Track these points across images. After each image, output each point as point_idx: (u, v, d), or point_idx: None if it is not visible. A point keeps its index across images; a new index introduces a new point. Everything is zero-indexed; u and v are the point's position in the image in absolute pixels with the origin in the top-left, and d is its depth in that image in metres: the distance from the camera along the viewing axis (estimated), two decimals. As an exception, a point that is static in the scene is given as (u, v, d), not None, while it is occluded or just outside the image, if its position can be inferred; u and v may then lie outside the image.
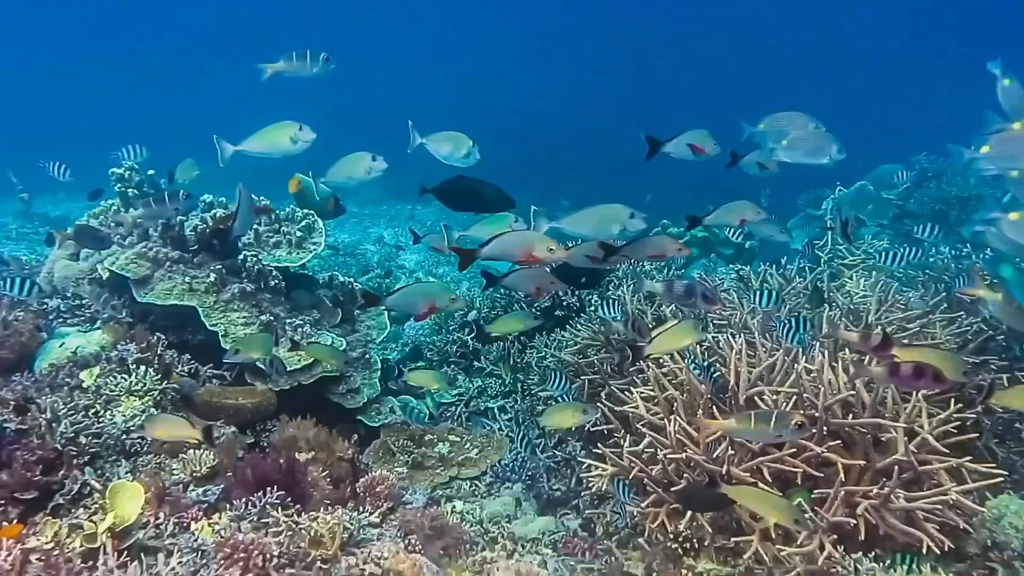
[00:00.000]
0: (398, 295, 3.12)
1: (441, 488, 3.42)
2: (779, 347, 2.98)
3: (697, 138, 3.17)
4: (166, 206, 3.35)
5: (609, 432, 3.23)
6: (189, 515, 2.47)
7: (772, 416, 2.28)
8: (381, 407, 3.78)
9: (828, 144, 3.23)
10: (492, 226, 3.13)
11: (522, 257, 2.83)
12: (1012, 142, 3.02)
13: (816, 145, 3.24)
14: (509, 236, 2.87)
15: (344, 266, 7.07)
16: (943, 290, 3.85)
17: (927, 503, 2.48)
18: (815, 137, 3.25)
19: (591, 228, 3.01)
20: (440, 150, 3.28)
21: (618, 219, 2.97)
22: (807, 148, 3.26)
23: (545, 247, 2.82)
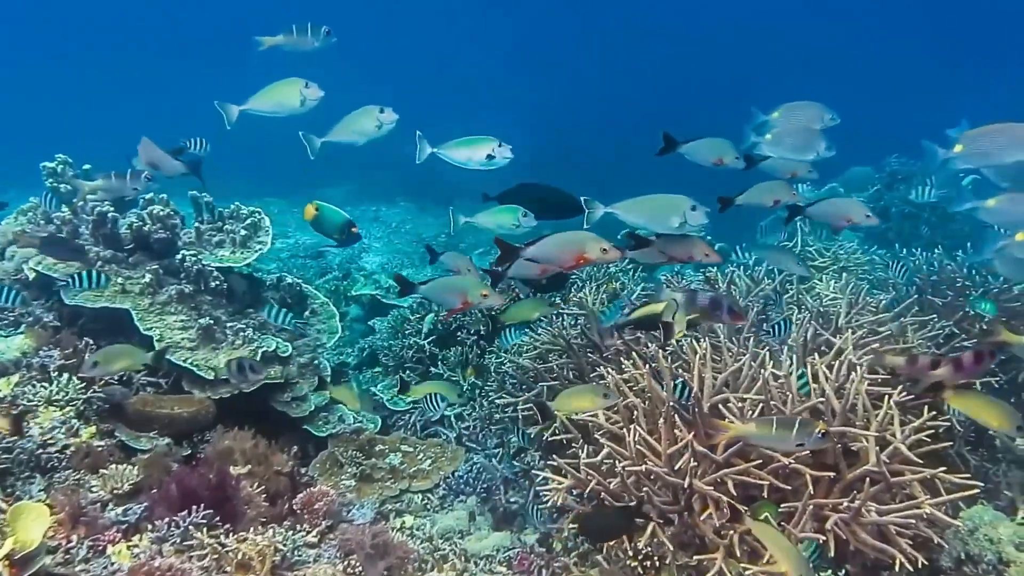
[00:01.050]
0: (431, 286, 2.93)
1: (391, 502, 3.23)
2: (746, 351, 2.84)
3: (719, 148, 3.03)
4: (125, 183, 3.14)
5: (568, 442, 3.06)
6: (106, 537, 2.26)
7: (795, 423, 2.15)
8: (330, 416, 3.58)
9: (816, 141, 3.08)
10: (500, 215, 2.99)
11: (572, 261, 2.68)
12: (984, 138, 2.92)
13: (803, 141, 3.10)
14: (559, 237, 2.68)
15: (303, 268, 6.85)
16: (915, 292, 3.75)
17: (900, 517, 2.34)
18: (803, 133, 3.10)
19: (648, 218, 2.83)
20: (457, 157, 3.07)
21: (678, 210, 2.78)
22: (793, 143, 3.11)
23: (598, 248, 2.64)
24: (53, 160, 3.57)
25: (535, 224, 2.99)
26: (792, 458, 2.45)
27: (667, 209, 2.80)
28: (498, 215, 3.01)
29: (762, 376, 2.62)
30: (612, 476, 2.57)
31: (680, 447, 2.53)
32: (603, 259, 2.69)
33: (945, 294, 3.86)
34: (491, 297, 2.84)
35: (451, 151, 3.06)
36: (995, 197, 2.95)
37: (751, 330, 3.24)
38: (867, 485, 2.37)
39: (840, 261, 4.35)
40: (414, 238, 9.11)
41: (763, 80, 17.99)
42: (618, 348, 3.34)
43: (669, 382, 2.76)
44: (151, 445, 2.96)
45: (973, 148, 2.94)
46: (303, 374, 3.63)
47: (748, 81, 17.07)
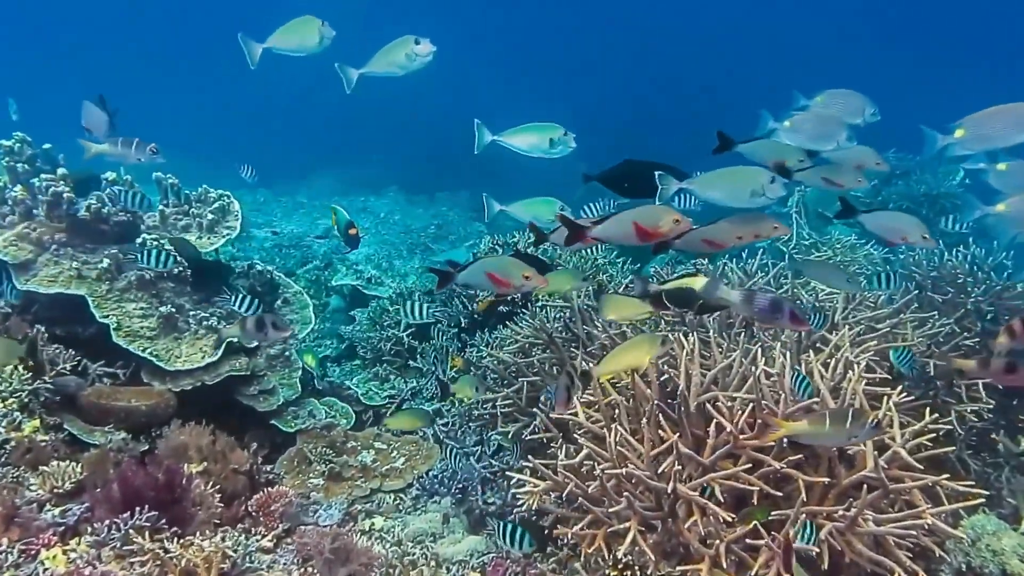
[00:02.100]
0: (470, 271, 2.68)
1: (361, 502, 3.06)
2: (736, 347, 2.67)
3: (780, 150, 2.83)
4: (131, 151, 2.96)
5: (548, 441, 2.89)
6: (40, 540, 2.09)
7: (847, 415, 2.02)
8: (299, 410, 3.40)
9: (837, 130, 2.89)
10: (537, 206, 2.94)
11: (644, 236, 2.50)
12: (987, 121, 2.76)
13: (823, 129, 2.90)
14: (630, 212, 2.50)
15: (286, 257, 6.66)
16: (914, 288, 3.59)
17: (899, 527, 2.17)
18: (823, 120, 2.91)
19: (724, 192, 2.64)
20: (519, 144, 2.95)
21: (756, 183, 2.61)
22: (812, 131, 2.92)
23: (670, 220, 2.46)
24: (9, 139, 3.38)
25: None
26: (784, 462, 2.29)
27: (745, 182, 2.62)
28: (535, 206, 2.94)
29: (753, 374, 2.44)
30: (592, 479, 2.40)
31: (664, 449, 2.36)
32: (678, 231, 2.50)
33: (946, 290, 3.70)
34: (534, 279, 2.63)
35: (513, 138, 2.96)
36: (1003, 201, 2.80)
37: (742, 325, 3.07)
38: (864, 492, 2.21)
39: (838, 254, 4.18)
40: (402, 229, 8.91)
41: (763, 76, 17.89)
42: (603, 342, 3.18)
43: (654, 378, 2.60)
44: (105, 440, 2.78)
45: (975, 132, 2.79)
46: (272, 366, 3.45)
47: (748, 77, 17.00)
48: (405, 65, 2.99)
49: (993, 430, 3.21)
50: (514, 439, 3.22)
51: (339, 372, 4.23)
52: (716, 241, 2.61)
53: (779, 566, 2.15)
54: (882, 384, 2.72)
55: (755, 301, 2.42)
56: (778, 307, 2.39)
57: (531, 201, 2.98)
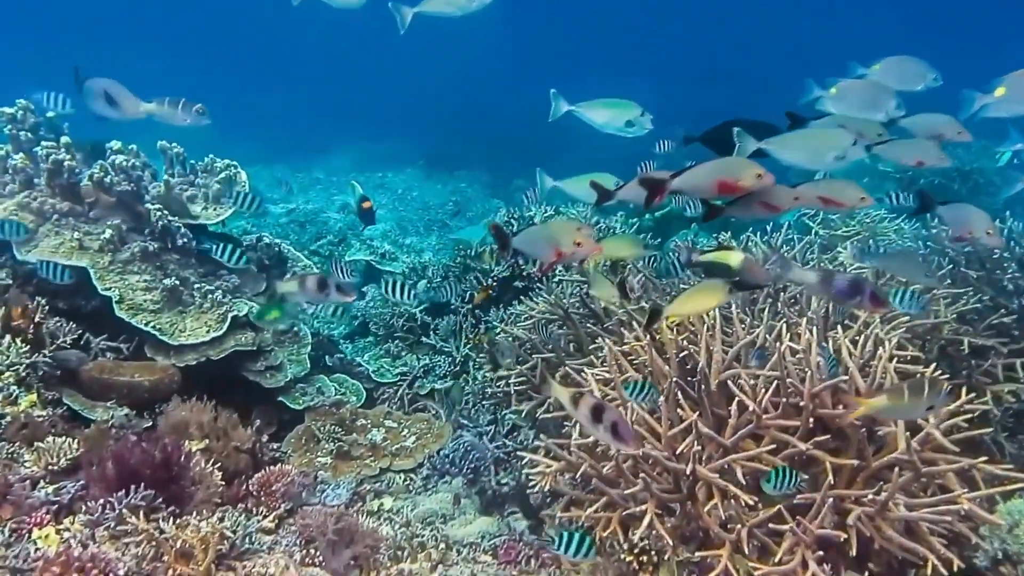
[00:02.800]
0: (519, 236, 2.52)
1: (370, 482, 2.96)
2: (759, 323, 2.54)
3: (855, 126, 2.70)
4: (177, 111, 2.82)
5: (563, 420, 2.79)
6: (33, 519, 2.01)
7: (923, 385, 1.89)
8: (308, 387, 3.31)
9: (885, 99, 2.73)
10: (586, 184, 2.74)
11: (724, 188, 2.37)
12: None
13: (871, 98, 2.74)
14: (710, 164, 2.40)
15: (300, 232, 6.57)
16: (947, 264, 3.43)
17: (933, 512, 2.05)
18: (870, 88, 2.75)
19: (804, 154, 2.53)
20: (595, 118, 2.88)
21: (837, 145, 2.49)
22: (859, 100, 2.76)
23: (753, 174, 2.34)
24: (12, 105, 3.29)
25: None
26: (810, 444, 2.17)
27: (827, 144, 2.50)
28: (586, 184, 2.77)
29: (778, 350, 2.31)
30: (607, 459, 2.29)
31: (683, 428, 2.24)
32: (759, 185, 2.36)
33: (981, 267, 3.54)
34: (587, 245, 2.47)
35: (590, 111, 2.88)
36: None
37: (766, 300, 2.94)
38: (896, 475, 2.08)
39: (866, 229, 4.02)
40: (420, 205, 8.81)
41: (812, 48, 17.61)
42: (620, 318, 3.06)
43: (673, 354, 2.48)
44: (107, 416, 2.70)
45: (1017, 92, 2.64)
46: (281, 341, 3.36)
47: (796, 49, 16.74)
48: (463, 5, 2.89)
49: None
50: (528, 418, 3.12)
51: (351, 349, 4.14)
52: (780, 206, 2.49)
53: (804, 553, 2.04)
54: (913, 362, 2.60)
55: (833, 282, 2.29)
56: (858, 288, 2.26)
57: (585, 177, 2.82)
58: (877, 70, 2.81)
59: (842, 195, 2.49)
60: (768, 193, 2.44)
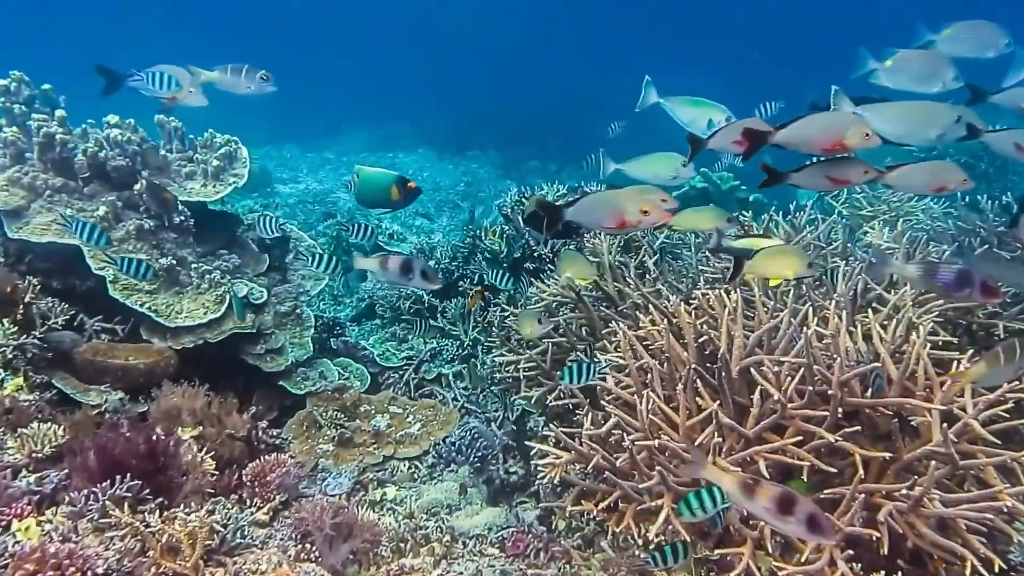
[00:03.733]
0: (579, 205, 2.31)
1: (373, 470, 2.85)
2: (783, 307, 2.39)
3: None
4: (240, 80, 2.74)
5: (575, 408, 2.66)
6: (13, 510, 1.90)
7: (1016, 349, 1.87)
8: (310, 371, 3.19)
9: (943, 69, 2.57)
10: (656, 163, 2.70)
11: (828, 145, 2.25)
12: None
13: (928, 69, 2.59)
14: (816, 117, 2.29)
15: (308, 214, 6.46)
16: (978, 245, 3.27)
17: (972, 509, 1.90)
18: (928, 58, 2.59)
19: (905, 128, 2.38)
20: (680, 115, 2.80)
21: (939, 122, 2.37)
22: (916, 72, 2.60)
23: (861, 132, 2.22)
24: (6, 77, 3.16)
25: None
26: (840, 434, 2.03)
27: (928, 119, 2.37)
28: (653, 163, 2.71)
29: (804, 335, 2.17)
30: (621, 450, 2.16)
31: (702, 418, 2.11)
32: (865, 146, 2.25)
33: (1014, 247, 3.38)
34: (655, 213, 2.27)
35: (678, 107, 2.80)
36: None
37: (790, 281, 2.79)
38: (931, 469, 1.94)
39: (893, 209, 3.85)
40: (431, 186, 8.68)
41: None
42: (635, 301, 2.92)
43: (691, 339, 2.33)
44: (101, 400, 2.60)
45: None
46: (282, 323, 3.24)
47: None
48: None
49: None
50: (537, 404, 2.99)
51: (357, 332, 4.02)
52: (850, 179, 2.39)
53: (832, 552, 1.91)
54: (946, 348, 2.45)
55: (938, 275, 2.15)
56: (966, 279, 2.11)
57: (649, 158, 2.74)
58: (948, 35, 2.65)
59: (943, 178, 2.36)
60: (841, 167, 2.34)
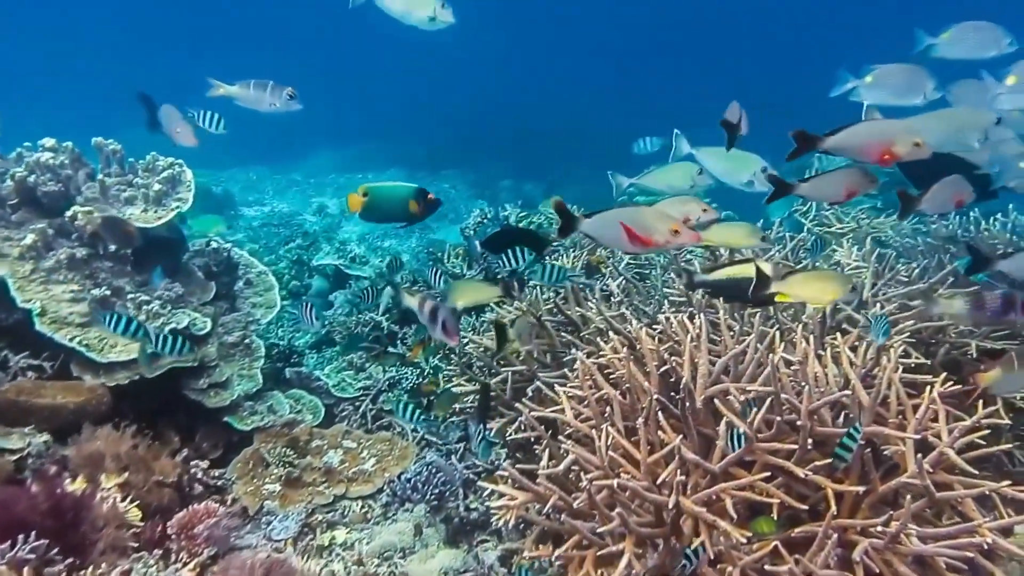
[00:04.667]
0: (595, 220, 2.14)
1: (322, 511, 2.68)
2: (751, 331, 2.27)
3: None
4: (264, 95, 2.69)
5: (537, 441, 2.51)
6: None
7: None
8: (258, 405, 3.02)
9: (922, 80, 2.52)
10: (671, 174, 2.73)
11: (877, 153, 2.17)
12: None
13: (907, 81, 2.54)
14: (865, 125, 2.22)
15: (269, 236, 6.28)
16: (948, 261, 3.18)
17: (951, 546, 1.78)
18: (906, 72, 2.53)
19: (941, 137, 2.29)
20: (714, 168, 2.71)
21: (978, 127, 2.31)
22: (895, 86, 2.56)
23: (910, 141, 2.13)
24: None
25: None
26: (809, 468, 1.90)
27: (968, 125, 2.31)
28: (668, 174, 2.71)
29: (771, 362, 2.04)
30: (579, 490, 2.01)
31: (664, 453, 1.97)
32: (914, 156, 2.15)
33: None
34: (685, 234, 2.12)
35: (708, 158, 2.71)
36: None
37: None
38: (907, 502, 1.81)
39: (862, 227, 3.77)
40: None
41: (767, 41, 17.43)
42: (598, 326, 2.78)
43: (653, 368, 2.20)
44: (24, 444, 2.41)
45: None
46: (230, 355, 3.08)
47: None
48: (421, 19, 2.71)
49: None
50: (498, 436, 2.84)
51: (315, 360, 3.86)
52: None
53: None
54: (917, 370, 2.35)
55: (987, 306, 2.10)
56: (1011, 303, 2.10)
57: (663, 169, 2.74)
58: (947, 38, 2.57)
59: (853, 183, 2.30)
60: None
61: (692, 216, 2.51)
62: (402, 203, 2.73)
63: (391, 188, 2.78)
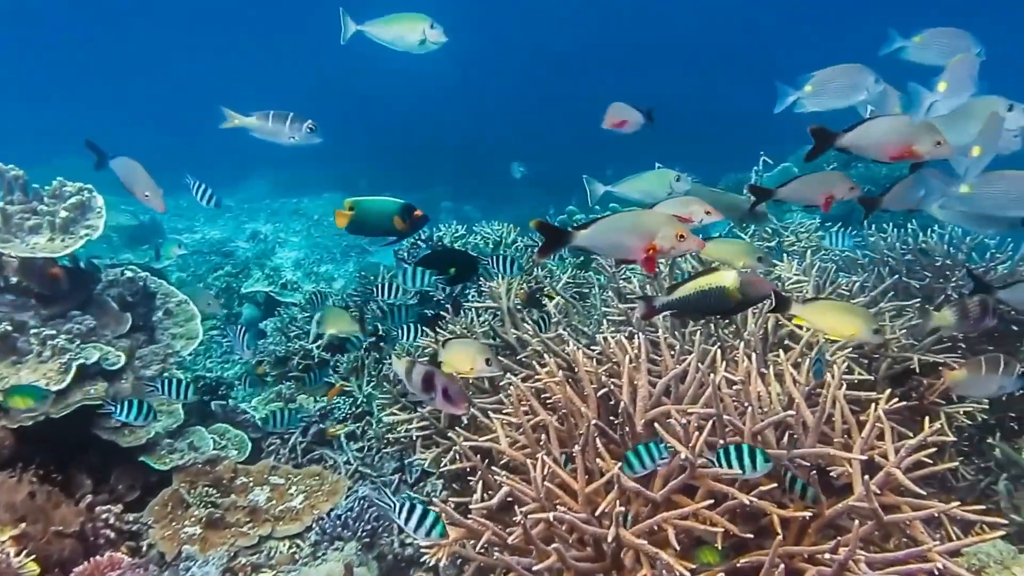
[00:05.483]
0: (592, 230, 1.97)
1: (246, 554, 2.51)
2: (691, 348, 2.19)
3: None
4: (283, 128, 2.57)
5: (472, 471, 2.39)
6: None
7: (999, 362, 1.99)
8: (178, 442, 2.84)
9: (862, 76, 2.47)
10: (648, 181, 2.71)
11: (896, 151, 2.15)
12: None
13: (848, 82, 2.49)
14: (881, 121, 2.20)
15: (198, 264, 6.06)
16: (888, 275, 3.17)
17: (901, 573, 1.71)
18: (844, 72, 2.49)
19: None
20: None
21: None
22: (837, 88, 2.50)
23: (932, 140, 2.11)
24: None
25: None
26: (754, 493, 1.82)
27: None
28: (646, 181, 2.69)
29: (712, 382, 1.96)
30: (515, 525, 1.89)
31: (604, 483, 1.87)
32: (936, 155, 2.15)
33: (923, 275, 3.29)
34: (689, 240, 1.97)
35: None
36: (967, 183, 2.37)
37: (699, 321, 2.60)
38: (855, 527, 1.73)
39: (801, 240, 3.75)
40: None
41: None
42: (535, 348, 2.68)
43: (591, 391, 2.10)
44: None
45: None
46: (149, 391, 2.89)
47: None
48: (411, 44, 2.77)
49: (989, 434, 2.79)
50: (433, 466, 2.71)
51: (243, 393, 3.68)
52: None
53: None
54: (860, 386, 2.30)
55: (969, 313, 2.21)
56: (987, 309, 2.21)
57: (640, 177, 2.73)
58: (919, 42, 2.54)
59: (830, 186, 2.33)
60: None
61: (695, 218, 2.46)
62: (387, 218, 2.70)
63: (378, 203, 2.74)
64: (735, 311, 2.29)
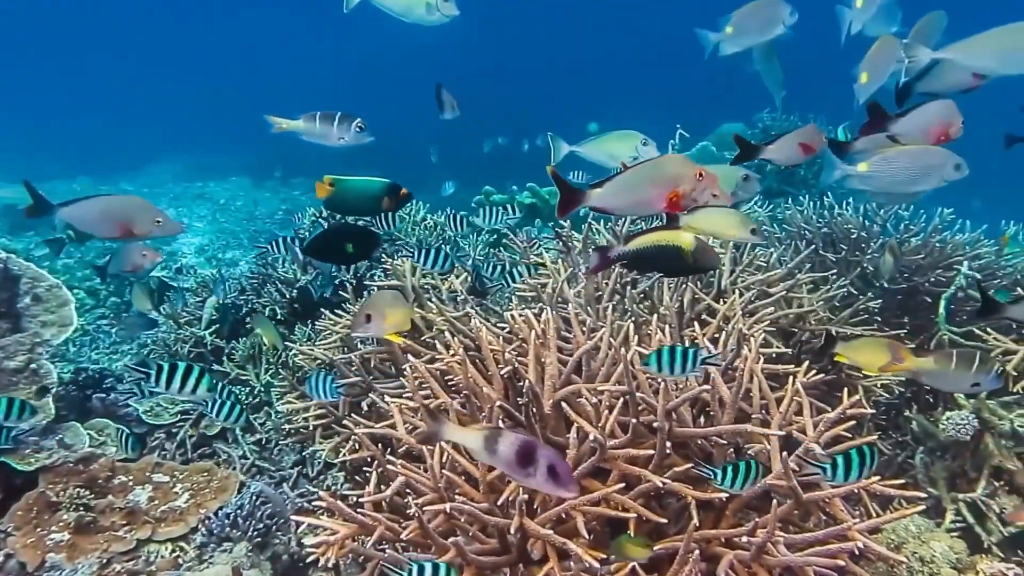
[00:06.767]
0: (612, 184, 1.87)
1: (122, 560, 2.27)
2: (603, 324, 2.05)
3: None
4: (331, 129, 2.50)
5: (371, 460, 2.21)
6: None
7: (974, 357, 1.90)
8: (46, 440, 2.57)
9: (777, 10, 2.44)
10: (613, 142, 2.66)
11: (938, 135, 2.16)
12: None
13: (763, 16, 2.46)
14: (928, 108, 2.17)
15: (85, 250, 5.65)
16: (804, 248, 3.11)
17: (821, 553, 1.60)
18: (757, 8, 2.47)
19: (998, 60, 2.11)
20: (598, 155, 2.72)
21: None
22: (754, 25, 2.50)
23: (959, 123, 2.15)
24: None
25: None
26: (668, 475, 1.69)
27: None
28: (610, 142, 2.66)
29: (625, 358, 1.82)
30: (409, 518, 1.72)
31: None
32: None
33: (839, 248, 3.25)
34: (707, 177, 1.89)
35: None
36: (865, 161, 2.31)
37: (612, 295, 2.47)
38: (773, 508, 1.63)
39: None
40: (244, 216, 7.98)
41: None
42: (439, 327, 2.51)
43: (495, 370, 1.94)
44: None
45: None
46: (12, 384, 2.61)
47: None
48: (421, 15, 2.66)
49: (905, 407, 2.76)
50: (331, 456, 2.52)
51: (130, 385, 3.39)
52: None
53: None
54: (779, 360, 2.21)
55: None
56: None
57: (605, 137, 2.69)
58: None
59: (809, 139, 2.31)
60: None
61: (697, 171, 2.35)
62: (372, 199, 2.60)
63: (363, 182, 2.63)
64: (683, 273, 2.27)
